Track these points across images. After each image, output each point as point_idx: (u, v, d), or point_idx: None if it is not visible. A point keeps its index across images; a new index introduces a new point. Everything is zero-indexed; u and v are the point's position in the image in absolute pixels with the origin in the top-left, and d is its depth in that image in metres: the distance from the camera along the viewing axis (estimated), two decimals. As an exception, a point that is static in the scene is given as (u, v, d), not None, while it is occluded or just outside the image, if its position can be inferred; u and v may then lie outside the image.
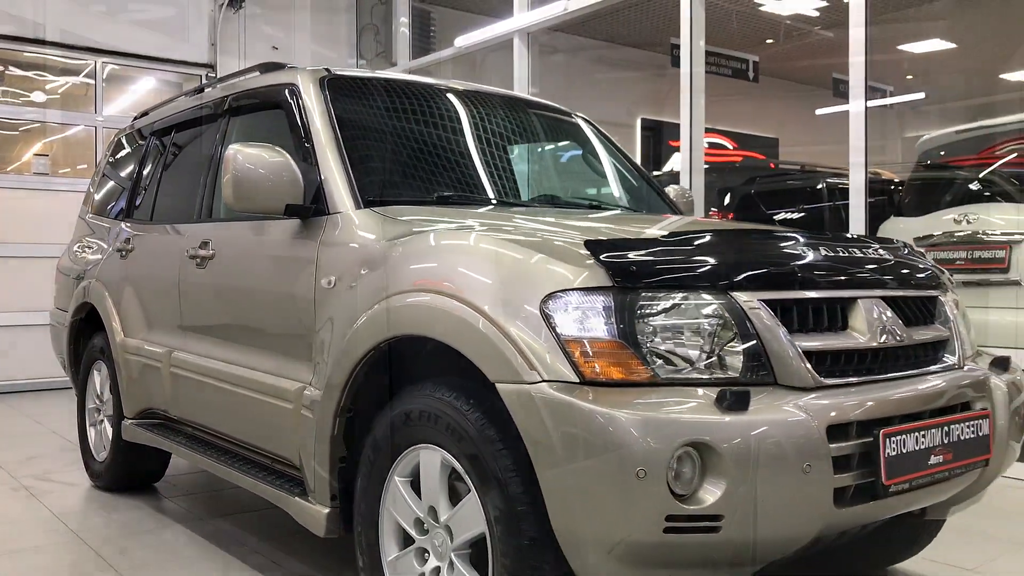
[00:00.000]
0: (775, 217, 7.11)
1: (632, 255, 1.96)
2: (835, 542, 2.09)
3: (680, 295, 1.89)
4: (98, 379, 4.27)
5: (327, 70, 3.11)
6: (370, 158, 2.92)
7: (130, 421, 3.79)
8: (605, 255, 1.92)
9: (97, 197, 4.78)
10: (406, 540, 2.24)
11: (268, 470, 2.89)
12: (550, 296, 1.88)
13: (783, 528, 1.81)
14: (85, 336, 4.41)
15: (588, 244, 1.96)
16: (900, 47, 10.29)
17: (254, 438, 2.98)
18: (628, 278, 1.89)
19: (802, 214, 7.02)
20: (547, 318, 1.86)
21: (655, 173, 9.11)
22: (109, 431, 4.09)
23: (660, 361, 1.85)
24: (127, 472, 4.08)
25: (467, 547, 2.06)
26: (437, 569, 2.14)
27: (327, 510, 2.44)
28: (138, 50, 7.90)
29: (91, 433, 4.33)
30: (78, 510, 3.87)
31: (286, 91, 3.06)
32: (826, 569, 2.71)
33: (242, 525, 3.60)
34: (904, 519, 2.33)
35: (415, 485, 2.19)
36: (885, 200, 6.49)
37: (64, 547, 3.34)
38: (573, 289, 1.88)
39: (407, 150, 3.07)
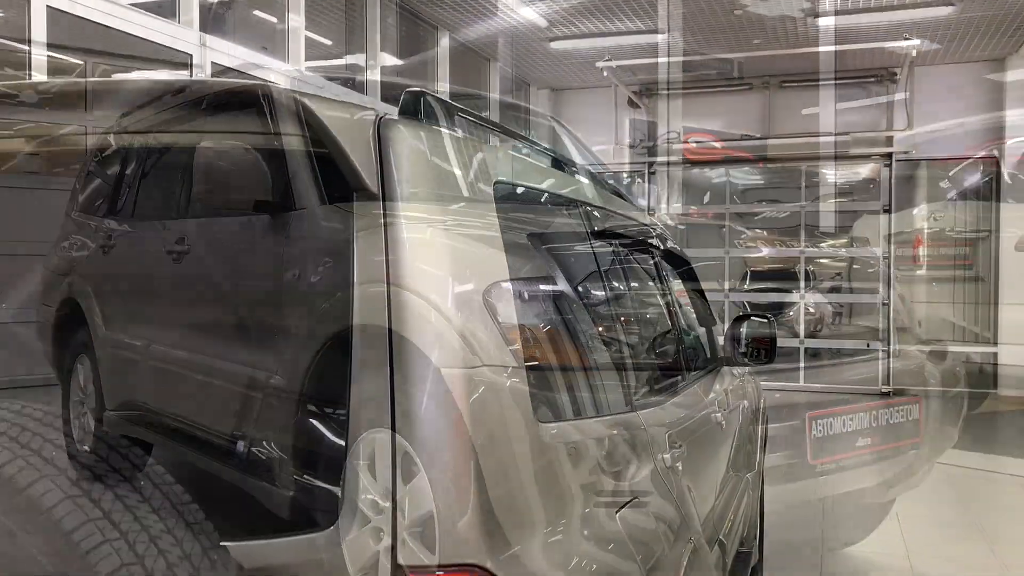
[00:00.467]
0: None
1: (573, 247, 2.06)
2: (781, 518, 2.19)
3: (618, 285, 1.99)
4: (82, 373, 4.36)
5: (299, 71, 3.21)
6: (337, 155, 3.00)
7: (112, 413, 3.89)
8: (546, 247, 2.02)
9: (82, 195, 4.87)
10: (363, 520, 2.33)
11: (242, 458, 2.98)
12: (493, 286, 1.98)
13: (712, 504, 1.90)
14: (69, 331, 4.50)
15: (531, 237, 2.06)
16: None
17: (228, 427, 3.07)
18: (567, 269, 1.98)
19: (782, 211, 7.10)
20: (490, 306, 1.96)
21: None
22: (92, 423, 4.18)
23: (600, 346, 1.95)
24: (110, 463, 4.16)
25: (419, 525, 2.16)
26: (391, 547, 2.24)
27: (291, 494, 2.54)
28: (129, 50, 7.99)
29: (75, 426, 4.41)
30: (62, 500, 3.95)
31: (259, 90, 3.15)
32: (776, 551, 2.80)
33: (224, 513, 3.68)
34: (848, 500, 2.43)
35: (371, 468, 2.29)
36: (868, 197, 6.57)
37: (48, 535, 3.43)
38: (515, 279, 1.98)
39: (377, 148, 3.16)
